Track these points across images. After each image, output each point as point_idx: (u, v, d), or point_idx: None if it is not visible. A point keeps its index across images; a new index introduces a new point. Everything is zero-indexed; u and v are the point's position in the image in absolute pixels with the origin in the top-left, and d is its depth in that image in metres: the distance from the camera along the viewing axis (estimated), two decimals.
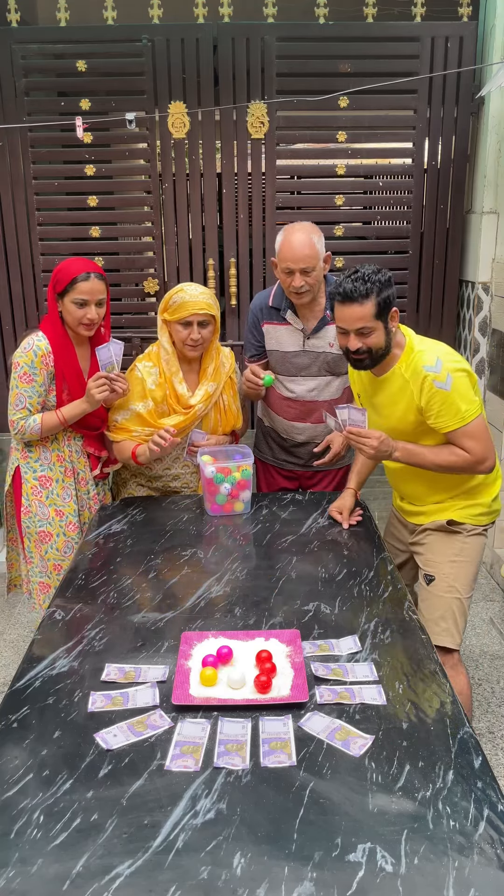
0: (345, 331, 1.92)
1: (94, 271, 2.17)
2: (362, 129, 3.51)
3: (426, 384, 1.88)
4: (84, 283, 2.14)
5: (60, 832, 1.04)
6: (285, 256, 2.26)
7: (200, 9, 3.30)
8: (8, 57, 3.33)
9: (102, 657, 1.50)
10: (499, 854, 1.00)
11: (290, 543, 2.05)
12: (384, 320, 1.90)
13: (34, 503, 2.31)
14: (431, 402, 1.89)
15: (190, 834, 1.03)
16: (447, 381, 1.87)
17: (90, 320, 2.19)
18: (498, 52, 3.25)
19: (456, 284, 3.65)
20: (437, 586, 2.06)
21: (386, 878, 0.96)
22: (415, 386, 1.91)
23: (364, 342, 1.90)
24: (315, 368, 2.44)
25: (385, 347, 1.93)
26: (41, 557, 2.34)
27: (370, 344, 1.90)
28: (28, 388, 2.19)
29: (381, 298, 1.86)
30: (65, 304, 2.18)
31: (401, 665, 1.45)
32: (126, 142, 3.71)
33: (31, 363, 2.17)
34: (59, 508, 2.32)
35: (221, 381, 2.39)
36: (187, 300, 2.22)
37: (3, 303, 3.61)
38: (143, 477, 2.48)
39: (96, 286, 2.17)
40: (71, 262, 2.19)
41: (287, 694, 1.35)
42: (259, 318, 2.47)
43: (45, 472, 2.31)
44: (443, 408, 1.88)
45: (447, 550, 2.07)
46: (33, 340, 2.19)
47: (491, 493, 2.09)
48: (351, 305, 1.87)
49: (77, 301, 2.16)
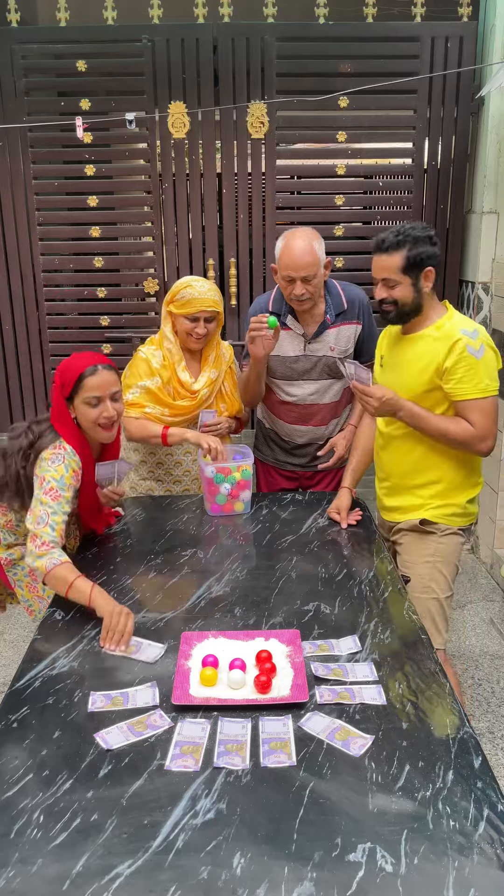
0: (375, 280, 1.96)
1: (100, 363, 1.92)
2: (362, 129, 3.51)
3: (458, 345, 1.88)
4: (92, 378, 1.88)
5: (60, 832, 1.04)
6: (286, 264, 2.25)
7: (200, 9, 3.30)
8: (8, 57, 3.33)
9: (102, 657, 1.50)
10: (499, 854, 1.00)
11: (290, 543, 2.05)
12: (413, 276, 1.90)
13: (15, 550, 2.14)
14: (458, 365, 1.88)
15: (190, 834, 1.03)
16: (480, 350, 1.88)
17: (107, 419, 1.91)
18: (498, 52, 3.25)
19: (456, 284, 3.66)
20: (412, 587, 2.05)
21: (386, 878, 0.96)
22: (444, 345, 1.90)
23: (390, 293, 1.93)
24: (316, 373, 2.44)
25: (412, 304, 1.94)
26: (39, 598, 2.13)
27: (396, 296, 1.92)
28: (55, 504, 1.83)
29: (411, 253, 1.88)
30: (77, 408, 1.92)
31: (401, 665, 1.45)
32: (126, 142, 3.71)
33: (62, 479, 1.86)
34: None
35: (222, 368, 2.47)
36: (196, 297, 2.28)
37: (3, 303, 3.61)
38: (146, 466, 2.50)
39: (107, 378, 1.91)
40: (74, 359, 1.94)
41: (287, 694, 1.35)
42: None
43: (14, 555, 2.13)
44: (467, 374, 1.88)
45: (422, 551, 2.07)
46: (65, 456, 1.89)
47: (467, 495, 2.07)
48: (380, 255, 1.92)
49: (90, 401, 1.89)
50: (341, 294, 2.41)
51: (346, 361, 2.01)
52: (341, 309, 2.40)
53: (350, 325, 2.41)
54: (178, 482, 2.51)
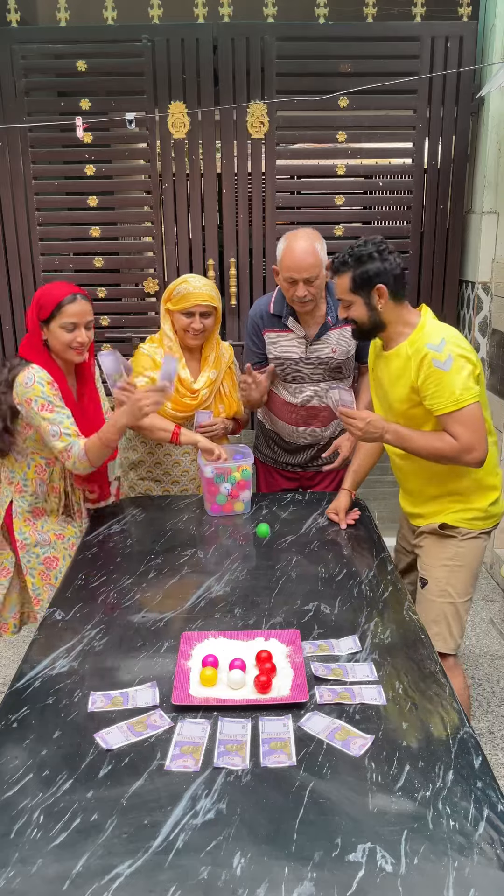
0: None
1: (78, 293, 2.07)
2: (362, 129, 3.51)
3: (425, 361, 1.84)
4: (71, 305, 2.04)
5: (60, 832, 1.04)
6: (288, 266, 2.25)
7: (200, 9, 3.30)
8: (8, 57, 3.33)
9: (102, 657, 1.50)
10: (499, 854, 1.00)
11: (290, 543, 2.05)
12: (365, 295, 1.90)
13: (31, 534, 2.18)
14: (427, 381, 1.84)
15: (190, 834, 1.03)
16: (447, 362, 1.82)
17: (80, 343, 2.07)
18: (498, 52, 3.25)
19: (456, 284, 3.65)
20: (429, 590, 2.04)
21: (386, 878, 0.96)
22: (414, 362, 1.88)
23: (347, 313, 1.96)
24: (318, 374, 2.44)
25: (370, 322, 1.94)
26: (52, 587, 2.18)
27: (353, 315, 1.95)
28: (53, 415, 2.02)
29: (357, 273, 1.88)
30: (51, 331, 2.06)
31: (401, 665, 1.45)
32: (126, 142, 3.70)
33: (43, 393, 2.02)
34: (59, 532, 2.22)
35: (222, 369, 2.47)
36: (191, 291, 2.29)
37: (3, 303, 3.61)
38: (144, 466, 2.50)
39: (84, 307, 2.07)
40: (53, 286, 2.09)
41: (287, 694, 1.35)
42: (260, 326, 2.46)
43: (40, 503, 2.21)
44: (438, 388, 1.83)
45: (441, 554, 2.05)
46: (32, 374, 2.04)
47: (488, 498, 2.04)
48: (333, 277, 1.97)
49: (66, 325, 2.04)
50: None
51: (330, 389, 2.02)
52: None
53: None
54: (176, 482, 2.51)
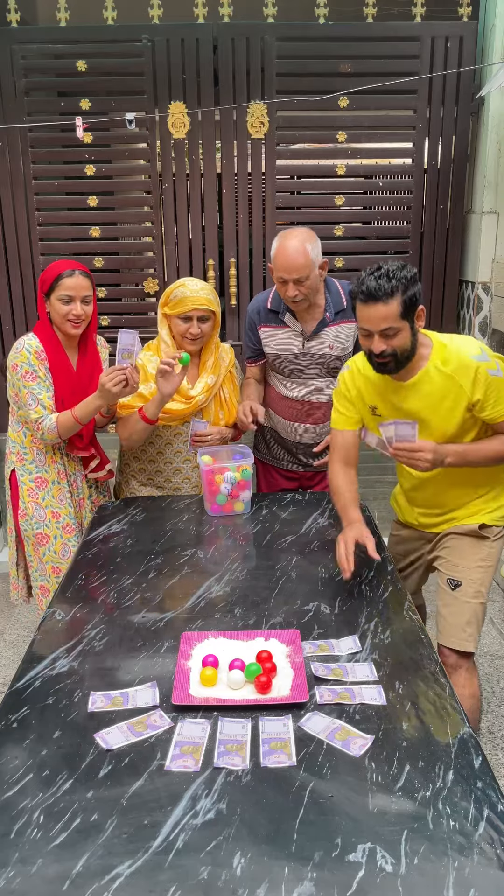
0: (368, 332, 1.80)
1: (78, 268, 2.18)
2: (362, 129, 3.51)
3: (480, 374, 1.80)
4: (69, 279, 2.16)
5: (60, 832, 1.04)
6: (279, 265, 2.24)
7: (200, 9, 3.30)
8: (8, 57, 3.33)
9: (102, 657, 1.50)
10: (499, 854, 1.00)
11: (290, 543, 2.05)
12: (410, 320, 1.79)
13: (30, 505, 2.31)
14: (489, 392, 1.81)
15: (190, 834, 1.03)
16: (499, 369, 1.82)
17: (76, 316, 2.18)
18: (498, 52, 3.25)
19: (456, 284, 3.65)
20: (464, 592, 1.99)
21: (386, 878, 0.96)
22: (464, 379, 1.82)
23: (389, 344, 1.78)
24: (314, 370, 2.44)
25: (411, 349, 1.82)
26: (40, 560, 2.34)
27: (395, 346, 1.79)
28: (34, 384, 2.18)
29: (406, 297, 1.75)
30: (52, 303, 2.19)
31: (401, 665, 1.45)
32: (126, 142, 3.70)
33: (28, 361, 2.17)
34: (55, 510, 2.32)
35: (221, 374, 2.43)
36: (188, 295, 2.25)
37: (3, 303, 3.61)
38: (145, 474, 2.49)
39: (81, 282, 2.17)
40: (56, 263, 2.21)
41: (287, 694, 1.35)
42: (256, 322, 2.46)
43: (41, 473, 2.31)
44: (500, 395, 1.83)
45: (475, 555, 2.01)
46: (24, 340, 2.20)
47: None
48: (375, 305, 1.75)
49: (63, 298, 2.16)
50: (341, 292, 2.41)
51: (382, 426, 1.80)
52: (341, 307, 2.39)
53: (350, 323, 2.41)
54: (178, 489, 2.50)
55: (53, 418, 2.17)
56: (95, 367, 2.35)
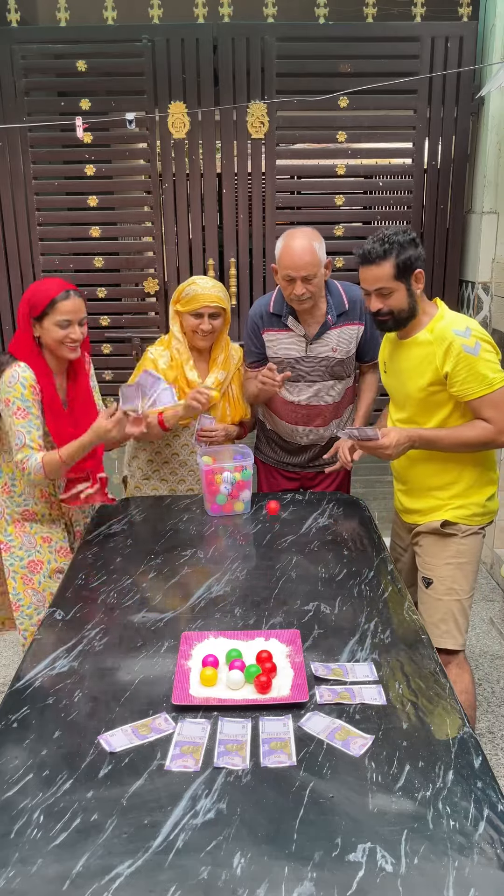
0: (367, 292, 1.95)
1: (71, 289, 2.06)
2: (362, 129, 3.51)
3: (454, 347, 1.86)
4: (65, 302, 2.02)
5: (60, 832, 1.04)
6: (286, 264, 2.25)
7: (200, 9, 3.30)
8: (8, 57, 3.33)
9: (102, 657, 1.50)
10: (499, 854, 1.00)
11: (290, 543, 2.05)
12: (406, 281, 1.90)
13: (18, 535, 2.16)
14: (458, 367, 1.87)
15: (190, 834, 1.03)
16: (476, 347, 1.86)
17: (74, 340, 2.05)
18: (498, 52, 3.25)
19: (456, 284, 3.65)
20: (435, 589, 2.05)
21: (386, 878, 0.96)
22: (440, 349, 1.89)
23: (385, 303, 1.92)
24: (317, 373, 2.44)
25: (409, 309, 1.93)
26: (34, 591, 2.15)
27: (391, 305, 1.92)
28: (24, 423, 2.01)
29: (400, 259, 1.87)
30: (45, 328, 2.04)
31: (401, 665, 1.45)
32: (126, 142, 3.70)
33: (22, 396, 2.01)
34: (46, 535, 2.19)
35: (231, 370, 2.48)
36: (199, 293, 2.30)
37: (3, 303, 3.61)
38: (152, 466, 2.51)
39: (77, 304, 2.05)
40: (43, 283, 2.08)
41: (287, 694, 1.35)
42: (259, 326, 2.46)
43: (30, 506, 2.18)
44: (469, 374, 1.87)
45: (443, 553, 2.06)
46: (17, 372, 2.02)
47: (485, 493, 2.07)
48: (369, 266, 1.90)
49: (61, 323, 2.02)
50: (342, 294, 2.41)
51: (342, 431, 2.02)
52: (343, 309, 2.39)
53: (352, 325, 2.41)
54: (183, 481, 2.52)
55: (39, 458, 2.00)
56: (87, 393, 2.23)
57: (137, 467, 2.54)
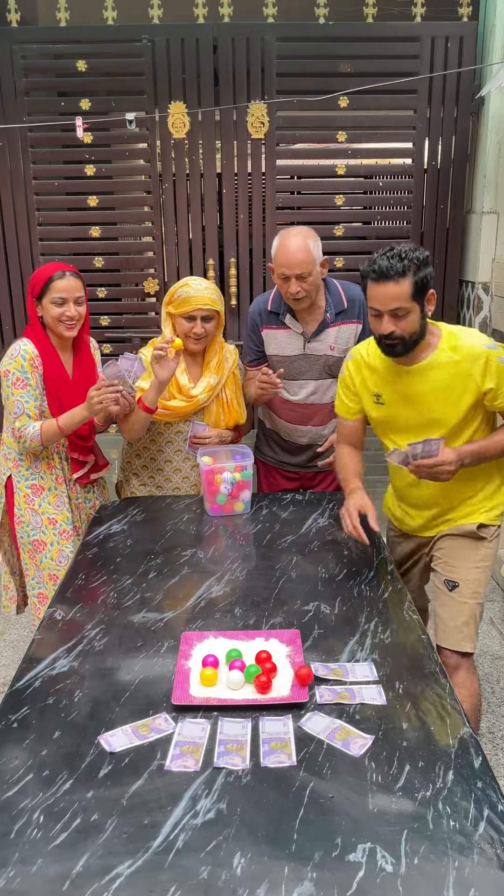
0: (378, 312, 1.79)
1: (68, 270, 2.18)
2: (362, 129, 3.51)
3: (492, 363, 1.80)
4: (60, 281, 2.15)
5: (60, 832, 1.04)
6: (280, 262, 2.25)
7: (200, 9, 3.30)
8: (8, 57, 3.33)
9: (102, 657, 1.50)
10: (499, 854, 1.00)
11: (290, 543, 2.05)
12: (420, 302, 1.78)
13: (26, 512, 2.28)
14: (502, 379, 1.82)
15: (190, 834, 1.03)
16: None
17: (70, 317, 2.17)
18: (498, 52, 3.25)
19: (456, 284, 3.65)
20: (461, 593, 1.99)
21: (386, 878, 0.96)
22: (475, 366, 1.81)
23: (398, 325, 1.78)
24: (316, 372, 2.44)
25: (419, 332, 1.81)
26: (37, 567, 2.31)
27: (404, 328, 1.78)
28: (23, 392, 2.16)
29: (418, 277, 1.74)
30: (44, 307, 2.18)
31: (401, 665, 1.45)
32: (126, 142, 3.70)
33: (22, 368, 2.15)
34: (52, 517, 2.29)
35: (224, 374, 2.42)
36: (192, 295, 2.25)
37: (3, 303, 3.61)
38: (146, 472, 2.49)
39: (73, 283, 2.17)
40: (45, 267, 2.20)
41: (287, 694, 1.35)
42: (258, 323, 2.46)
43: (37, 480, 2.29)
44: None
45: (472, 556, 2.01)
46: (19, 346, 2.17)
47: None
48: (386, 284, 1.74)
49: (56, 300, 2.15)
50: (341, 293, 2.41)
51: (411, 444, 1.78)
52: (341, 308, 2.39)
53: (351, 324, 2.41)
54: (178, 489, 2.50)
55: (37, 426, 2.16)
56: (91, 370, 2.34)
57: (132, 473, 2.51)
